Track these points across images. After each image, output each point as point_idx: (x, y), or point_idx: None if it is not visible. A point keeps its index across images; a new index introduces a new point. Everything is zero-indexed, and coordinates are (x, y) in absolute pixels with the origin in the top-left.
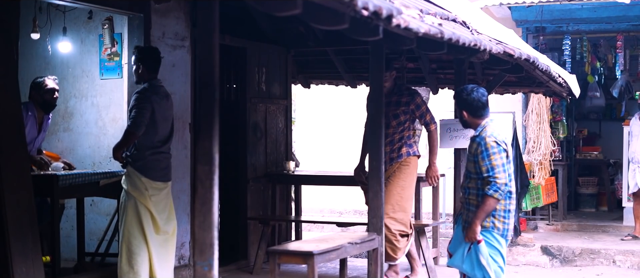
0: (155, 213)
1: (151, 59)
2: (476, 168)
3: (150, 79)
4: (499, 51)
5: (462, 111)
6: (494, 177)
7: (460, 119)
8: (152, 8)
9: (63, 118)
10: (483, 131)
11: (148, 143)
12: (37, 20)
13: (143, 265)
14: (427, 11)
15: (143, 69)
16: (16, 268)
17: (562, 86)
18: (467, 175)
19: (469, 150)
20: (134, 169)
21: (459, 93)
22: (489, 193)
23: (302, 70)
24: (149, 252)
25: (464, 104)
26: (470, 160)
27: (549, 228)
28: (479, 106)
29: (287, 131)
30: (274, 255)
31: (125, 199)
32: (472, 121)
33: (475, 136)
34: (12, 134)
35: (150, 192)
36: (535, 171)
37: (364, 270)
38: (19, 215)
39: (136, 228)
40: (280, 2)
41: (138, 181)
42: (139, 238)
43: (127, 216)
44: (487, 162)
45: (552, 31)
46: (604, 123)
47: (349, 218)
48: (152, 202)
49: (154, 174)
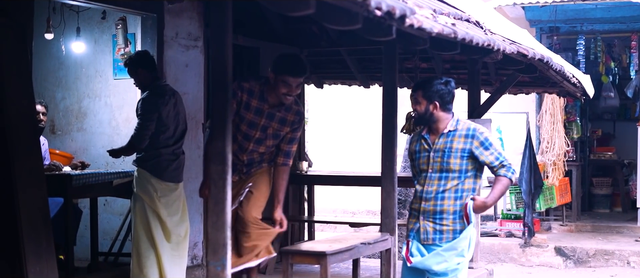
0: (165, 217)
1: (146, 61)
2: (463, 166)
3: (152, 81)
4: (513, 51)
5: (433, 102)
6: (506, 160)
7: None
8: (165, 8)
9: (76, 118)
10: (465, 123)
11: (158, 143)
12: (51, 21)
13: (151, 268)
14: (441, 11)
15: (141, 73)
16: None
17: (576, 86)
18: (442, 177)
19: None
20: (143, 170)
21: (430, 83)
22: (508, 176)
23: (315, 70)
24: (157, 255)
25: (437, 95)
26: (456, 156)
27: (562, 229)
28: (450, 99)
29: None
30: (287, 255)
31: (134, 200)
32: (439, 115)
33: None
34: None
35: (159, 193)
36: (549, 171)
37: (377, 271)
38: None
39: (143, 232)
40: (293, 2)
41: (147, 183)
42: (146, 243)
43: (135, 219)
44: (493, 150)
45: (566, 31)
46: (618, 123)
47: (361, 219)
48: (162, 204)
49: (164, 174)
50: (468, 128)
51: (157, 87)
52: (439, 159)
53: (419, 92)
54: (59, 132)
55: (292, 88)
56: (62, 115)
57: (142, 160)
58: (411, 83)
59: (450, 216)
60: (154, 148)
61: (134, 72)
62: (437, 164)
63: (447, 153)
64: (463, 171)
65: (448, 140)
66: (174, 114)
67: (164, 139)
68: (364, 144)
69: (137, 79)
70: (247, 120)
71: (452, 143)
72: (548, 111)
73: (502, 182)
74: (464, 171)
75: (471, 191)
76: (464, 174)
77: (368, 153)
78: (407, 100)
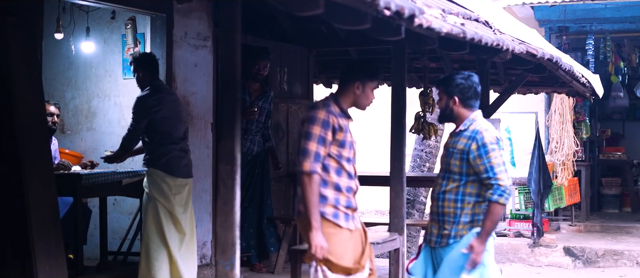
0: (180, 214)
1: (148, 63)
2: (463, 168)
3: (151, 81)
4: (522, 51)
5: (453, 97)
6: (495, 178)
7: (442, 111)
8: (174, 8)
9: (86, 118)
10: (475, 124)
11: (168, 140)
12: (61, 21)
13: (160, 270)
14: (449, 11)
15: (143, 74)
16: (40, 267)
17: (586, 86)
18: (445, 177)
19: (453, 146)
20: (156, 169)
21: (451, 78)
22: (493, 199)
23: (323, 70)
24: (170, 255)
25: (457, 90)
26: (456, 158)
27: (571, 229)
28: (472, 95)
29: None
30: (296, 254)
31: (146, 201)
32: (459, 111)
33: (464, 130)
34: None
35: (174, 191)
36: (558, 171)
37: (386, 270)
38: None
39: (155, 233)
40: (302, 2)
41: (161, 182)
42: (157, 243)
43: (147, 219)
44: (486, 160)
45: (575, 31)
46: (627, 123)
47: (370, 218)
48: (177, 202)
49: (177, 170)
50: (474, 129)
51: (155, 87)
52: (445, 159)
53: (441, 88)
54: (68, 131)
55: None
56: (72, 115)
57: (153, 160)
58: (420, 83)
59: (450, 218)
60: (163, 145)
61: (135, 71)
62: (444, 164)
63: (450, 154)
64: (463, 174)
65: (455, 140)
66: (177, 111)
67: (174, 135)
68: (372, 144)
69: (137, 79)
70: (349, 142)
71: (457, 144)
72: (557, 111)
73: (490, 211)
74: (464, 174)
75: (474, 196)
76: (465, 177)
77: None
78: (416, 100)
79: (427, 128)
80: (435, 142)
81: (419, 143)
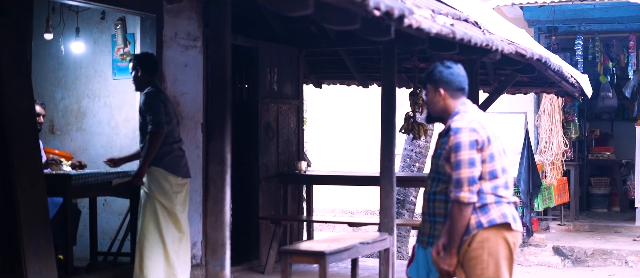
0: (180, 213)
1: (150, 63)
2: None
3: (147, 84)
4: (511, 51)
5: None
6: (457, 173)
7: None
8: (164, 8)
9: (76, 118)
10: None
11: (170, 139)
12: (51, 21)
13: (153, 269)
14: (439, 11)
15: (142, 73)
16: (29, 267)
17: (574, 86)
18: (435, 178)
19: (441, 147)
20: (160, 168)
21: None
22: (451, 197)
23: (313, 70)
24: (167, 254)
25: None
26: (443, 158)
27: (560, 229)
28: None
29: (299, 131)
30: (286, 254)
31: (145, 200)
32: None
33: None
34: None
35: (175, 189)
36: (547, 171)
37: (376, 270)
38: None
39: (152, 232)
40: (292, 2)
41: (164, 181)
42: (152, 242)
43: (145, 218)
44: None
45: (564, 31)
46: (616, 123)
47: (360, 218)
48: (178, 201)
49: (178, 170)
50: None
51: (157, 86)
52: (434, 160)
53: (426, 83)
54: (58, 132)
55: None
56: (62, 115)
57: (157, 159)
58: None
59: (441, 219)
60: (165, 144)
61: (134, 69)
62: (433, 165)
63: (438, 155)
64: (448, 174)
65: (444, 140)
66: (175, 112)
67: (176, 136)
68: (362, 144)
69: (134, 77)
70: None
71: (444, 144)
72: (546, 111)
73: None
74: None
75: None
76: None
77: (367, 153)
78: (406, 100)
79: (416, 128)
80: (425, 142)
81: (408, 143)
